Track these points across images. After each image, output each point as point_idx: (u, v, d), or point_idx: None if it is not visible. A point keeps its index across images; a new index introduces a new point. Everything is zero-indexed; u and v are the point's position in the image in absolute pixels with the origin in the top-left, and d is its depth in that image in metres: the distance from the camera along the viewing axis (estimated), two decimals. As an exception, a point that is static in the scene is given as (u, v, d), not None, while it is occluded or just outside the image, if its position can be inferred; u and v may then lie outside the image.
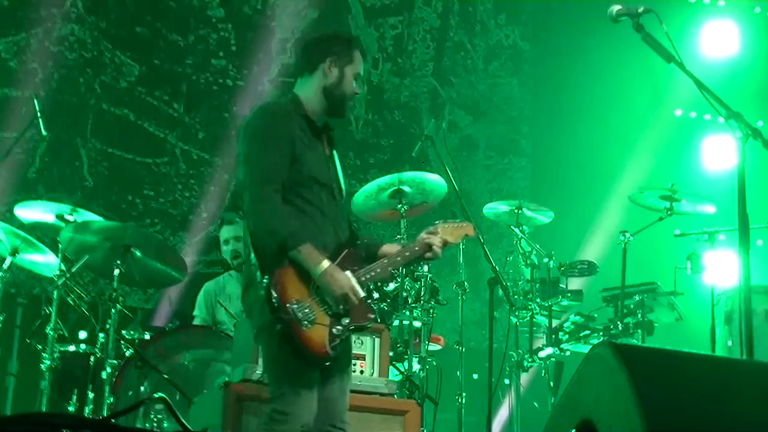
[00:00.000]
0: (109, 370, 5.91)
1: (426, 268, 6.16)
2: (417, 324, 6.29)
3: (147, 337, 6.35)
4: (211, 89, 9.16)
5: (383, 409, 5.11)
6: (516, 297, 6.77)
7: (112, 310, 5.95)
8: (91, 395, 6.02)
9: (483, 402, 6.25)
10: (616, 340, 6.63)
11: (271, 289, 4.11)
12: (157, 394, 5.41)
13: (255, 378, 5.01)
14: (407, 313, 6.16)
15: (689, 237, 6.87)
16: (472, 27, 10.47)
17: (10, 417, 2.18)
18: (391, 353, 5.78)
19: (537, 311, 6.87)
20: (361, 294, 4.27)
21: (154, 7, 9.02)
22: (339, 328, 4.21)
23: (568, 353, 6.92)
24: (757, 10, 9.78)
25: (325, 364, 4.23)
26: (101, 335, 6.10)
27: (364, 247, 4.51)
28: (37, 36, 8.43)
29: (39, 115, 6.34)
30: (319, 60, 4.50)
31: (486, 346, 6.42)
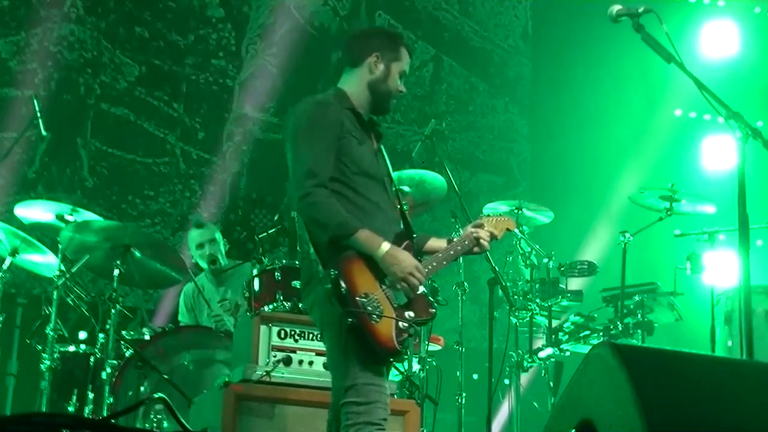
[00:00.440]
0: (108, 370, 5.91)
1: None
2: (417, 324, 6.28)
3: (147, 337, 6.35)
4: (211, 89, 9.16)
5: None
6: (516, 297, 6.77)
7: (112, 311, 5.95)
8: (90, 395, 6.02)
9: (483, 402, 6.26)
10: (616, 340, 6.63)
11: (340, 282, 4.00)
12: (156, 395, 5.41)
13: (255, 378, 5.01)
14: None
15: (689, 237, 6.87)
16: (471, 28, 10.47)
17: (10, 417, 2.18)
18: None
19: (537, 311, 6.87)
20: (424, 275, 4.20)
21: (153, 7, 9.02)
22: (404, 323, 4.10)
23: (568, 353, 6.92)
24: (757, 10, 9.78)
25: (392, 360, 4.14)
26: (101, 335, 6.10)
27: (416, 241, 4.42)
28: (37, 36, 8.43)
29: (39, 115, 6.34)
30: (365, 54, 4.39)
31: (486, 346, 6.43)
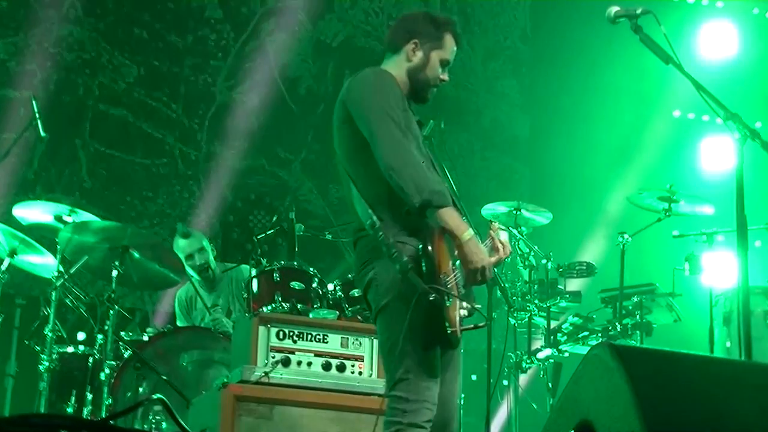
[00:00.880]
0: (107, 371, 5.91)
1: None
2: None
3: (145, 338, 6.35)
4: (210, 90, 9.16)
5: (381, 411, 5.09)
6: (514, 298, 6.77)
7: (111, 312, 5.96)
8: (89, 396, 6.02)
9: (481, 403, 6.24)
10: (615, 341, 6.63)
11: (425, 257, 3.85)
12: (155, 396, 5.40)
13: (253, 379, 5.01)
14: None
15: (688, 238, 6.87)
16: (470, 28, 10.47)
17: (8, 418, 2.18)
18: (389, 354, 5.77)
19: (535, 312, 6.88)
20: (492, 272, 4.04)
21: (152, 8, 9.02)
22: (464, 311, 3.99)
23: (567, 354, 6.93)
24: (755, 11, 9.79)
25: (453, 345, 4.00)
26: (100, 336, 6.10)
27: None
28: (36, 37, 8.42)
29: (37, 116, 6.34)
30: (403, 41, 4.24)
31: (484, 347, 6.42)
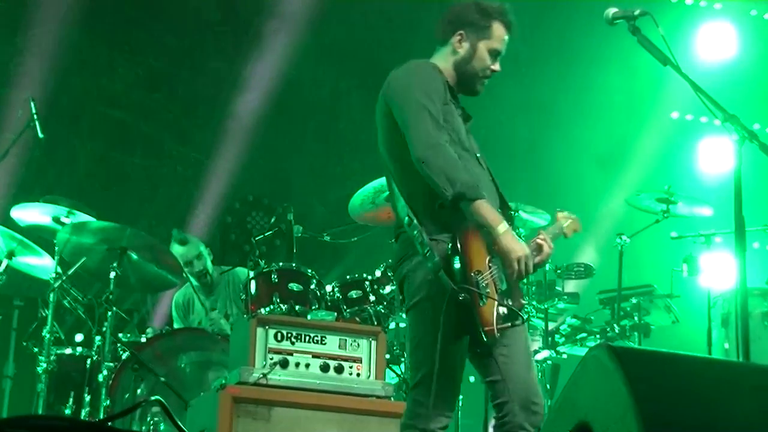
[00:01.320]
0: (105, 372, 5.91)
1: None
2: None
3: (143, 339, 6.35)
4: (208, 92, 9.16)
5: (380, 412, 5.10)
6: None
7: (109, 313, 5.95)
8: (87, 398, 6.02)
9: (480, 405, 6.25)
10: (613, 342, 6.63)
11: (456, 256, 3.79)
12: (153, 397, 5.40)
13: (251, 380, 5.01)
14: (403, 315, 6.15)
15: (686, 239, 6.88)
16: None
17: (6, 419, 2.18)
18: (387, 356, 5.77)
19: (533, 314, 6.88)
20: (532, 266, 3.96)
21: (151, 9, 9.02)
22: (503, 309, 3.89)
23: (565, 356, 6.93)
24: (753, 12, 9.79)
25: (489, 345, 3.88)
26: (98, 338, 6.10)
27: None
28: (35, 38, 8.43)
29: (36, 117, 6.35)
30: (450, 32, 4.17)
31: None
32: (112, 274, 6.04)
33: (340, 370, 5.14)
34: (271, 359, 5.08)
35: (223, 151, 9.04)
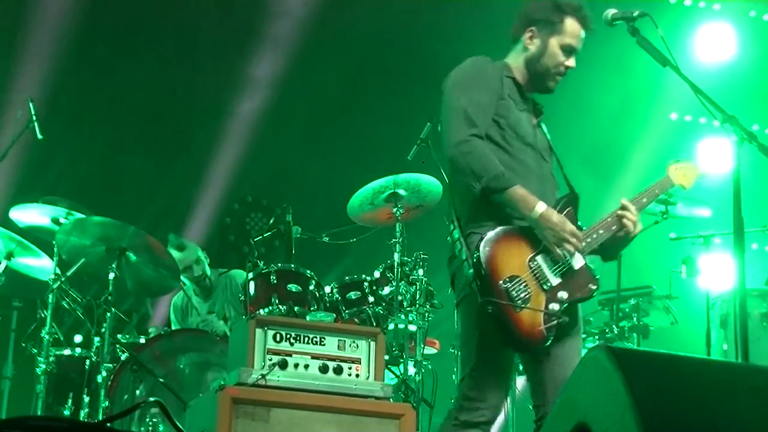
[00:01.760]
0: (104, 373, 5.90)
1: (421, 272, 6.16)
2: (412, 328, 6.28)
3: (142, 340, 6.35)
4: (208, 93, 9.15)
5: (379, 413, 5.09)
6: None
7: (108, 314, 5.95)
8: (86, 399, 6.02)
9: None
10: (612, 343, 6.63)
11: (481, 267, 3.74)
12: (152, 398, 5.40)
13: (250, 381, 5.01)
14: (402, 316, 6.16)
15: (684, 240, 6.88)
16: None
17: (5, 420, 2.18)
18: (386, 357, 5.77)
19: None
20: (582, 243, 3.95)
21: (151, 9, 9.01)
22: (555, 305, 3.83)
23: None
24: (752, 13, 9.79)
25: (537, 349, 3.84)
26: (96, 339, 6.09)
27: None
28: (34, 38, 8.42)
29: (35, 118, 6.35)
30: (521, 30, 4.18)
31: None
32: (111, 275, 6.03)
33: (339, 371, 5.13)
34: (270, 360, 5.08)
35: (223, 151, 9.04)
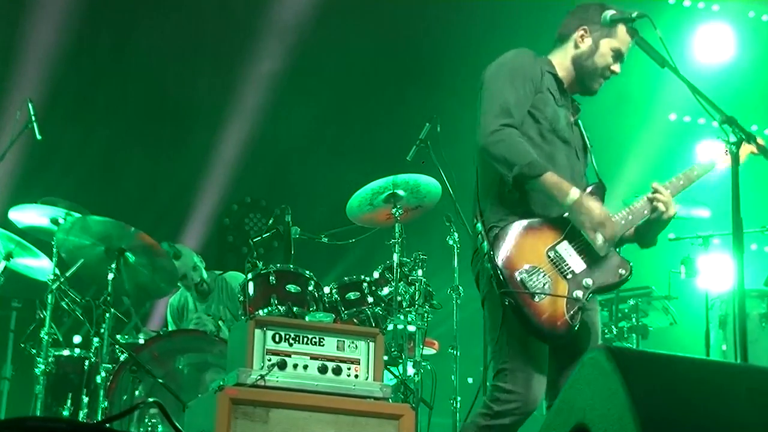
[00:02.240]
0: (103, 374, 5.90)
1: (420, 273, 6.16)
2: (411, 328, 6.28)
3: (141, 341, 6.35)
4: (208, 93, 9.15)
5: (378, 413, 5.10)
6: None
7: (107, 315, 5.95)
8: (85, 399, 6.01)
9: (478, 406, 6.24)
10: (611, 344, 6.63)
11: (497, 259, 3.73)
12: (151, 399, 5.40)
13: (249, 382, 5.01)
14: (402, 317, 6.15)
15: (683, 241, 6.88)
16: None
17: (4, 421, 2.18)
18: (385, 357, 5.77)
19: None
20: (617, 228, 3.96)
21: (151, 12, 9.00)
22: (579, 292, 3.82)
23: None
24: (751, 14, 9.79)
25: (564, 339, 3.82)
26: (96, 339, 6.09)
27: None
28: (33, 38, 8.42)
29: (33, 118, 6.34)
30: (573, 28, 4.20)
31: (481, 350, 6.43)
32: (110, 276, 6.03)
33: (338, 371, 5.13)
34: (269, 361, 5.08)
35: (222, 152, 9.04)
